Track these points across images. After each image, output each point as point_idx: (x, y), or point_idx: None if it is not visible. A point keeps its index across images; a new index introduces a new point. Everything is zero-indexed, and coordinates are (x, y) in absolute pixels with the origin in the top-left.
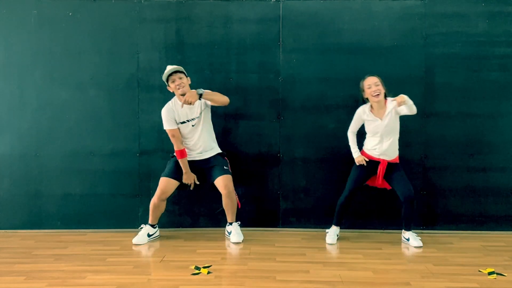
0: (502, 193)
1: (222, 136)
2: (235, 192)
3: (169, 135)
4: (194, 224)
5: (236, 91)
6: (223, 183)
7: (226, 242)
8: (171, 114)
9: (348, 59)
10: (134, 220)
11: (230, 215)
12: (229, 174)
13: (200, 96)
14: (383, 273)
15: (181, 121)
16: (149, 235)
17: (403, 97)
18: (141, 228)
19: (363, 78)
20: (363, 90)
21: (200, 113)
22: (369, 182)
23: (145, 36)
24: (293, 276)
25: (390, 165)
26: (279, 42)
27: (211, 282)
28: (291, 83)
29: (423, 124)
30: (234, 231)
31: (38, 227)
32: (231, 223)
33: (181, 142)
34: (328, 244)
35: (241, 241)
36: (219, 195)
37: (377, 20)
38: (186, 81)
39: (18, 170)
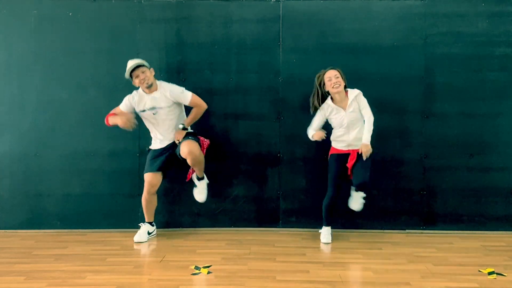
0: (502, 193)
1: (222, 136)
2: (201, 152)
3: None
4: (194, 224)
5: (236, 91)
6: (186, 148)
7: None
8: (130, 102)
9: (348, 59)
10: (134, 220)
11: (197, 171)
12: (194, 140)
13: (185, 128)
14: (383, 273)
15: (140, 109)
16: (149, 233)
17: (367, 146)
18: (140, 226)
19: (322, 71)
20: (323, 84)
21: (168, 106)
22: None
23: (145, 36)
24: (293, 276)
25: (360, 155)
26: (279, 42)
27: (211, 282)
28: (291, 83)
29: (423, 124)
30: (200, 188)
31: (38, 227)
32: (200, 179)
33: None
34: (324, 243)
35: (204, 201)
36: (219, 194)
37: (377, 20)
38: (150, 73)
39: (18, 170)
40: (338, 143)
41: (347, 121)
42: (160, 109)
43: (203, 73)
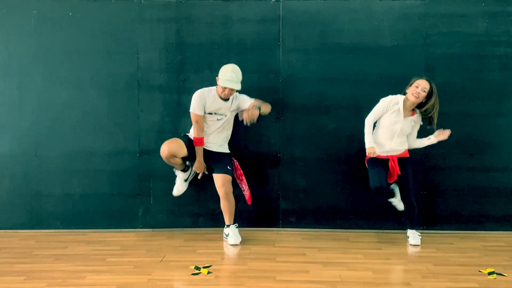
0: (502, 193)
1: None
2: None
3: (193, 120)
4: (194, 224)
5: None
6: (221, 182)
7: (226, 243)
8: (203, 100)
9: (348, 59)
10: (134, 220)
11: (227, 217)
12: (230, 175)
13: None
14: (383, 273)
15: (209, 111)
16: (185, 180)
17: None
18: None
19: (421, 76)
20: (410, 85)
21: (230, 113)
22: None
23: (145, 36)
24: (293, 276)
25: (400, 160)
26: (279, 42)
27: (211, 282)
28: (291, 83)
29: (423, 124)
30: (231, 233)
31: (38, 227)
32: (228, 225)
33: (202, 130)
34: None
35: (238, 243)
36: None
37: (377, 20)
38: (234, 93)
39: (18, 170)
40: (379, 148)
41: (399, 128)
42: (225, 116)
43: (203, 73)
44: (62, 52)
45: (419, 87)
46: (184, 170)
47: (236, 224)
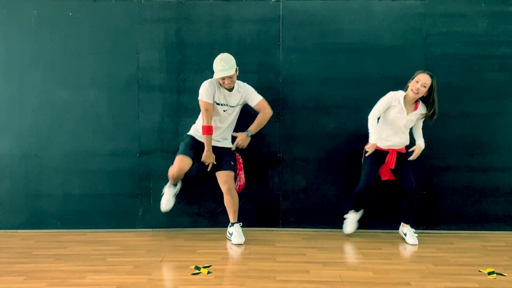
0: (502, 193)
1: None
2: (235, 188)
3: (202, 109)
4: (194, 224)
5: None
6: (224, 178)
7: (227, 242)
8: (212, 89)
9: (348, 59)
10: (134, 220)
11: (231, 214)
12: (233, 170)
13: (251, 136)
14: (383, 273)
15: (217, 101)
16: (174, 195)
17: (421, 150)
18: (163, 193)
19: (423, 71)
20: (412, 78)
21: (237, 105)
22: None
23: (145, 36)
24: (293, 276)
25: (399, 155)
26: (279, 42)
27: (211, 282)
28: (291, 83)
29: (423, 124)
30: (235, 233)
31: (38, 227)
32: (232, 224)
33: (211, 118)
34: (346, 233)
35: (242, 243)
36: (219, 194)
37: (377, 20)
38: (235, 75)
39: (18, 170)
40: (381, 142)
41: (403, 124)
42: (231, 107)
43: (203, 73)
44: (62, 52)
45: (419, 82)
46: (175, 185)
47: (241, 223)
